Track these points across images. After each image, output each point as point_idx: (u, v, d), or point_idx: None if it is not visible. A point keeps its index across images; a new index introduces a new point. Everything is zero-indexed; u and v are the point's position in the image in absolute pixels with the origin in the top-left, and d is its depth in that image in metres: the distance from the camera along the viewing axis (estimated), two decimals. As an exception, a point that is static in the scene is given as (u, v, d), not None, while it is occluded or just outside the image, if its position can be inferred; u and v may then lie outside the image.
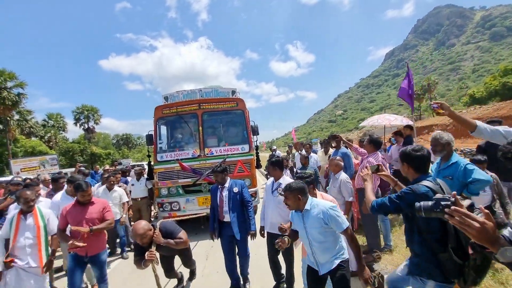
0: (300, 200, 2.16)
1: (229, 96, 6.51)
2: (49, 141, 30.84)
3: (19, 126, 26.54)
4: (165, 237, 2.93)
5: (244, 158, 5.90)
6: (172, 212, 5.67)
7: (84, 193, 3.03)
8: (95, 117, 36.45)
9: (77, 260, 2.96)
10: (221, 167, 3.45)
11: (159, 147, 6.14)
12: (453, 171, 2.44)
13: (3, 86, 21.50)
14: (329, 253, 2.21)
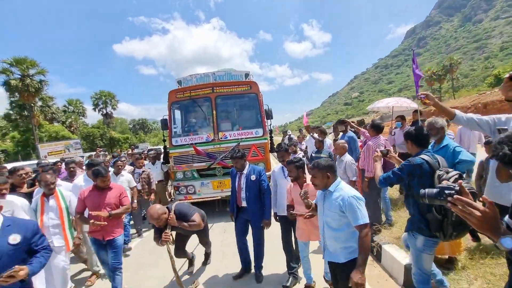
0: (329, 179, 2.09)
1: (242, 79, 6.36)
2: (70, 126, 32.01)
3: (42, 112, 27.59)
4: (180, 219, 3.03)
5: (258, 142, 5.82)
6: (187, 195, 5.77)
7: (104, 178, 3.08)
8: (112, 102, 37.30)
9: (98, 243, 3.07)
10: (239, 152, 3.37)
11: (173, 132, 6.15)
12: (444, 153, 2.69)
13: (26, 73, 22.24)
14: (339, 243, 2.10)
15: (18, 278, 1.66)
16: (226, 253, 4.20)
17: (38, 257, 1.88)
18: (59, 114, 31.43)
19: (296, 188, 2.82)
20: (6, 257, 1.75)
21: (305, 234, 2.86)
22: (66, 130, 29.26)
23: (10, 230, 1.82)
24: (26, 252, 1.89)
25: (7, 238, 1.79)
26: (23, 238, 1.84)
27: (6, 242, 1.77)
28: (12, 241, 1.79)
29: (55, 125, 29.05)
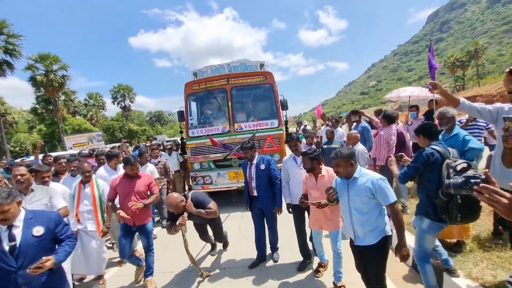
0: (352, 166, 2.14)
1: (257, 70, 6.28)
2: (91, 119, 33.27)
3: (65, 106, 28.77)
4: (196, 206, 3.12)
5: (273, 133, 5.80)
6: (204, 185, 5.89)
7: (133, 166, 3.20)
8: (130, 95, 38.27)
9: (126, 229, 3.19)
10: (249, 143, 3.46)
11: (190, 123, 6.23)
12: (454, 141, 2.85)
13: (49, 69, 23.15)
14: (368, 226, 2.15)
15: (46, 269, 1.74)
16: (244, 239, 4.29)
17: (63, 246, 1.97)
18: (80, 107, 32.69)
19: (311, 179, 2.88)
20: (32, 248, 1.83)
21: (317, 224, 2.93)
22: (88, 123, 30.44)
23: (32, 223, 1.89)
24: (52, 241, 1.97)
25: (31, 230, 1.86)
26: (46, 229, 1.92)
27: (31, 235, 1.85)
28: (36, 233, 1.87)
29: (77, 118, 30.28)
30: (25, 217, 1.89)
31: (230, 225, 4.93)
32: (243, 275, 3.32)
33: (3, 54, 18.63)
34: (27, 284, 1.80)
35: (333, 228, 2.83)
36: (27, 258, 1.77)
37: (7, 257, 1.75)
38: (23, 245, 1.80)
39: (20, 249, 1.78)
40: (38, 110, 28.64)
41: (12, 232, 1.80)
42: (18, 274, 1.75)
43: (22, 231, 1.83)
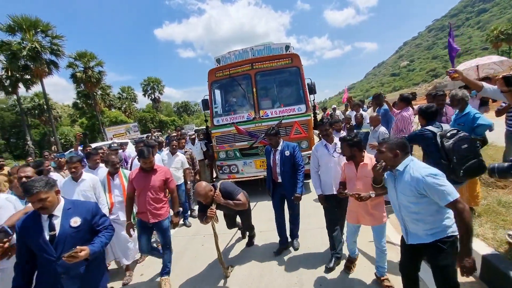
0: (397, 157, 1.87)
1: (283, 52, 5.86)
2: (125, 111, 34.97)
3: (102, 100, 30.44)
4: (225, 197, 2.97)
5: (301, 119, 5.42)
6: (231, 174, 5.73)
7: (146, 160, 2.97)
8: (159, 87, 39.54)
9: (143, 225, 3.06)
10: (273, 130, 3.33)
11: (214, 111, 6.04)
12: (465, 119, 3.18)
13: (87, 66, 24.48)
14: (422, 225, 1.83)
15: (80, 258, 1.70)
16: (271, 227, 4.07)
17: (100, 237, 1.93)
18: (115, 101, 34.42)
19: (351, 168, 2.60)
20: (69, 238, 1.81)
21: (354, 217, 2.65)
22: (123, 115, 32.07)
23: (71, 213, 1.87)
24: (89, 232, 1.93)
25: (69, 221, 1.84)
26: (83, 220, 1.89)
27: (69, 225, 1.83)
28: (73, 223, 1.85)
29: (113, 111, 31.99)
30: (64, 207, 1.88)
31: (257, 215, 4.75)
32: (271, 270, 3.13)
33: (49, 55, 20.15)
34: (66, 273, 1.80)
35: (374, 223, 2.52)
36: (65, 248, 1.76)
37: (48, 246, 1.77)
38: (61, 235, 1.80)
39: (58, 239, 1.79)
40: (78, 105, 30.66)
41: (52, 221, 1.81)
42: (58, 263, 1.76)
43: (60, 221, 1.83)
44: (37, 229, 1.79)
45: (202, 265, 3.45)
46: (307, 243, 3.57)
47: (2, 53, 19.18)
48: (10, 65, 19.34)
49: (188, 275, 3.26)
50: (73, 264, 1.73)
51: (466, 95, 3.32)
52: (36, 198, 1.71)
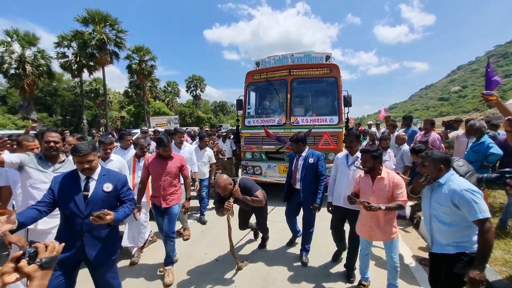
0: (441, 171, 1.90)
1: (323, 62, 5.73)
2: (168, 104, 37.14)
3: (150, 91, 32.77)
4: (243, 192, 2.97)
5: (331, 130, 5.23)
6: (254, 175, 5.73)
7: (166, 148, 3.01)
8: (201, 85, 41.42)
9: (157, 208, 3.10)
10: (297, 136, 3.28)
11: (247, 112, 6.11)
12: (480, 148, 3.47)
13: (142, 59, 26.63)
14: (450, 237, 1.87)
15: (105, 221, 1.79)
16: (286, 232, 3.98)
17: (123, 207, 2.03)
18: (160, 93, 36.80)
19: (367, 181, 2.53)
20: (100, 201, 1.94)
21: (365, 231, 2.54)
22: (166, 107, 34.10)
23: (105, 179, 2.01)
24: (116, 200, 2.06)
25: (103, 185, 1.98)
26: (114, 188, 2.02)
27: (101, 189, 1.97)
28: (106, 188, 1.98)
29: (158, 102, 34.20)
30: (100, 172, 2.02)
31: (273, 220, 4.67)
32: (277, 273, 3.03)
33: (113, 46, 22.41)
34: (89, 232, 1.91)
35: (384, 238, 2.45)
36: (94, 209, 1.86)
37: (81, 203, 1.89)
38: (94, 197, 1.92)
39: (90, 200, 1.91)
40: (129, 93, 33.33)
41: (89, 183, 1.95)
42: (85, 221, 1.88)
43: (95, 184, 1.96)
44: (74, 187, 1.92)
45: (212, 256, 3.47)
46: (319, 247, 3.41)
47: (75, 41, 21.77)
48: (80, 52, 21.85)
49: (197, 266, 3.29)
50: (97, 226, 1.83)
51: (484, 125, 3.63)
52: (86, 158, 1.87)
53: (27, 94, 21.12)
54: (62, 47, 22.21)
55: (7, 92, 29.45)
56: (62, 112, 32.71)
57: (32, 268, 0.96)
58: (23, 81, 20.12)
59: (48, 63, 21.95)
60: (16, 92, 26.12)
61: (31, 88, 21.08)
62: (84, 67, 23.32)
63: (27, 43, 20.45)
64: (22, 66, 19.99)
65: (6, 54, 19.51)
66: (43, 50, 21.58)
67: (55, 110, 31.45)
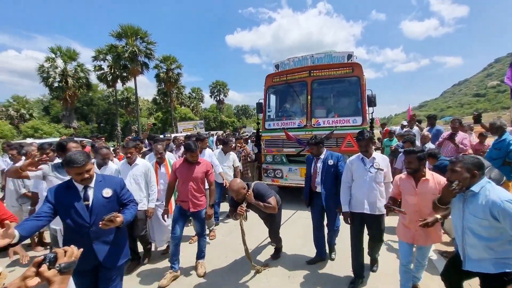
0: (474, 178, 1.69)
1: (344, 61, 5.47)
2: (193, 109, 38.29)
3: (177, 98, 34.03)
4: (257, 198, 2.90)
5: (355, 131, 4.93)
6: (275, 178, 5.60)
7: (193, 153, 3.03)
8: (224, 90, 42.20)
9: (181, 212, 3.10)
10: (315, 139, 3.15)
11: (267, 115, 6.02)
12: (502, 145, 3.65)
13: (169, 68, 27.82)
14: (488, 253, 1.65)
15: (116, 224, 1.77)
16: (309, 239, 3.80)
17: (128, 209, 2.02)
18: (185, 99, 38.04)
19: (410, 182, 2.33)
20: (102, 208, 1.90)
21: (409, 234, 2.33)
22: (191, 112, 35.20)
23: (102, 185, 1.97)
24: (117, 204, 2.04)
25: (101, 192, 1.94)
26: (114, 192, 1.99)
27: (101, 195, 1.93)
28: (105, 194, 1.94)
29: (183, 108, 35.40)
30: (96, 179, 1.96)
31: (293, 224, 4.51)
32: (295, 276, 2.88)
33: (143, 57, 23.73)
34: (97, 239, 1.90)
35: (429, 242, 2.34)
36: (98, 216, 1.84)
37: (85, 213, 1.85)
38: (95, 204, 1.89)
39: (92, 208, 1.88)
40: (157, 100, 34.90)
41: (87, 192, 1.90)
42: (91, 230, 1.86)
43: (94, 191, 1.92)
44: (74, 198, 1.86)
45: (232, 259, 3.41)
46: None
47: (110, 54, 23.35)
48: (114, 64, 23.38)
49: (215, 269, 3.25)
50: (104, 231, 1.82)
51: (504, 123, 3.71)
52: (85, 168, 1.81)
53: (69, 105, 22.98)
54: (98, 60, 23.94)
55: (49, 103, 32.27)
56: (97, 120, 35.09)
57: (52, 273, 0.98)
58: (65, 93, 21.94)
59: (86, 76, 23.75)
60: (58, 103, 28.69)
61: (72, 99, 22.92)
62: (118, 78, 24.85)
63: (68, 58, 22.31)
64: (65, 79, 21.81)
65: (51, 69, 21.44)
66: (82, 64, 23.40)
67: (91, 118, 33.79)
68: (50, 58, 21.59)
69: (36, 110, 28.44)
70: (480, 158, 1.76)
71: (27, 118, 25.74)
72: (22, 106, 26.46)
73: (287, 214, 4.92)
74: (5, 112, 25.20)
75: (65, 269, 1.01)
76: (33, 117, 26.38)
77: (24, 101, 27.79)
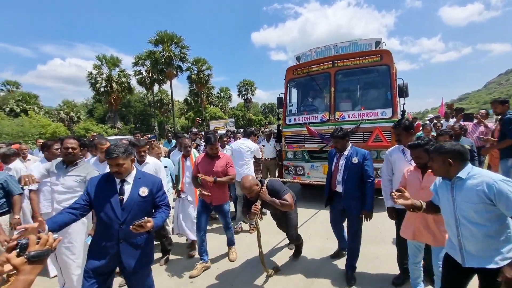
0: (450, 166, 1.55)
1: (372, 49, 4.85)
2: (221, 108, 38.87)
3: (207, 98, 34.87)
4: (271, 195, 2.60)
5: (384, 125, 4.34)
6: (296, 176, 5.20)
7: (212, 146, 2.97)
8: (251, 89, 42.14)
9: (204, 205, 3.06)
10: (341, 131, 2.68)
11: (288, 110, 5.60)
12: None
13: (200, 69, 28.55)
14: (486, 243, 1.47)
15: (146, 229, 1.61)
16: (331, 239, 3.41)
17: (160, 212, 1.85)
18: (214, 99, 38.76)
19: (416, 174, 2.16)
20: (136, 206, 1.76)
21: (410, 232, 2.16)
22: (220, 111, 35.79)
23: (140, 183, 1.82)
24: (151, 205, 1.87)
25: (138, 189, 1.80)
26: (150, 192, 1.83)
27: (137, 193, 1.79)
28: (141, 193, 1.79)
29: (212, 107, 36.13)
30: (135, 175, 1.85)
31: (313, 224, 4.10)
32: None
33: (178, 61, 24.66)
34: (125, 240, 1.75)
35: (434, 243, 2.05)
36: (130, 214, 1.72)
37: (118, 208, 1.73)
38: (130, 201, 1.76)
39: (126, 204, 1.75)
40: (188, 101, 36.07)
41: (123, 186, 1.78)
42: (121, 227, 1.72)
43: (131, 188, 1.79)
44: (110, 191, 1.77)
45: (246, 260, 3.15)
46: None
47: (148, 59, 24.63)
48: (152, 69, 24.64)
49: (227, 270, 3.02)
50: (135, 233, 1.66)
51: None
52: (115, 162, 1.72)
53: (113, 107, 24.81)
54: (138, 66, 25.43)
55: (93, 106, 35.02)
56: (134, 121, 37.41)
57: (20, 261, 0.86)
58: (110, 97, 23.69)
59: (128, 80, 25.39)
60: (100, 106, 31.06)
61: (116, 102, 24.68)
62: (155, 81, 26.18)
63: (112, 65, 24.04)
64: (110, 84, 23.56)
65: (98, 75, 23.29)
66: (124, 69, 25.06)
67: (129, 119, 36.02)
68: (97, 66, 23.46)
69: (82, 113, 31.02)
70: (461, 148, 1.57)
71: (75, 120, 28.22)
72: (71, 110, 28.95)
73: (308, 214, 4.52)
74: (57, 115, 27.82)
75: (34, 258, 0.88)
76: (80, 119, 28.80)
77: (73, 105, 30.34)
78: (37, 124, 17.67)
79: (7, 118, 18.54)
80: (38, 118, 19.02)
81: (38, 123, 17.94)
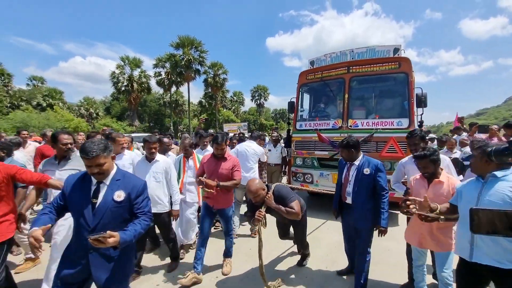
0: (489, 165, 1.49)
1: (390, 56, 4.57)
2: (234, 112, 39.03)
3: (221, 101, 35.13)
4: (277, 201, 2.40)
5: (399, 135, 4.03)
6: (304, 183, 4.94)
7: (218, 146, 2.77)
8: (264, 94, 42.11)
9: (207, 209, 2.87)
10: (347, 141, 2.47)
11: (299, 115, 5.36)
12: None
13: (216, 73, 28.88)
14: (500, 243, 1.39)
15: (107, 245, 1.33)
16: (339, 253, 3.13)
17: (135, 224, 1.52)
18: (227, 102, 39.00)
19: (422, 183, 2.11)
20: (108, 212, 1.51)
21: (415, 238, 2.14)
22: (233, 115, 35.95)
23: (118, 185, 1.57)
24: (128, 212, 1.59)
25: (114, 193, 1.54)
26: (127, 197, 1.56)
27: (111, 198, 1.53)
28: (116, 197, 1.54)
29: (226, 110, 36.36)
30: (113, 176, 1.59)
31: (320, 234, 3.82)
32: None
33: (197, 65, 25.07)
34: (95, 249, 1.48)
35: (438, 248, 2.02)
36: (101, 221, 1.49)
37: (88, 213, 1.50)
38: (102, 206, 1.51)
39: (98, 209, 1.50)
40: (203, 103, 36.48)
41: (99, 189, 1.54)
42: (90, 235, 1.41)
43: (106, 190, 1.55)
44: (84, 193, 1.54)
45: (242, 268, 2.93)
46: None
47: (168, 62, 25.19)
48: (172, 71, 25.16)
49: (224, 280, 2.80)
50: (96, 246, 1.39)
51: None
52: (95, 162, 1.46)
53: (132, 106, 25.48)
54: (158, 67, 26.05)
55: (110, 104, 35.98)
56: (149, 120, 38.19)
57: None
58: (130, 96, 24.36)
59: (147, 81, 26.03)
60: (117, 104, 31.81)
61: (136, 101, 25.35)
62: (173, 83, 26.72)
63: (134, 65, 24.78)
64: (131, 84, 24.26)
65: (120, 75, 24.05)
66: (144, 70, 25.75)
67: (144, 118, 36.81)
68: (120, 66, 24.24)
69: (101, 110, 31.87)
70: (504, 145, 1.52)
71: (94, 117, 29.07)
72: (90, 106, 29.83)
73: (315, 223, 4.25)
74: (77, 111, 28.73)
75: None
76: (98, 115, 29.63)
77: (92, 102, 31.27)
78: (62, 119, 18.41)
79: (34, 112, 19.43)
80: (63, 113, 19.81)
81: (62, 117, 18.68)
